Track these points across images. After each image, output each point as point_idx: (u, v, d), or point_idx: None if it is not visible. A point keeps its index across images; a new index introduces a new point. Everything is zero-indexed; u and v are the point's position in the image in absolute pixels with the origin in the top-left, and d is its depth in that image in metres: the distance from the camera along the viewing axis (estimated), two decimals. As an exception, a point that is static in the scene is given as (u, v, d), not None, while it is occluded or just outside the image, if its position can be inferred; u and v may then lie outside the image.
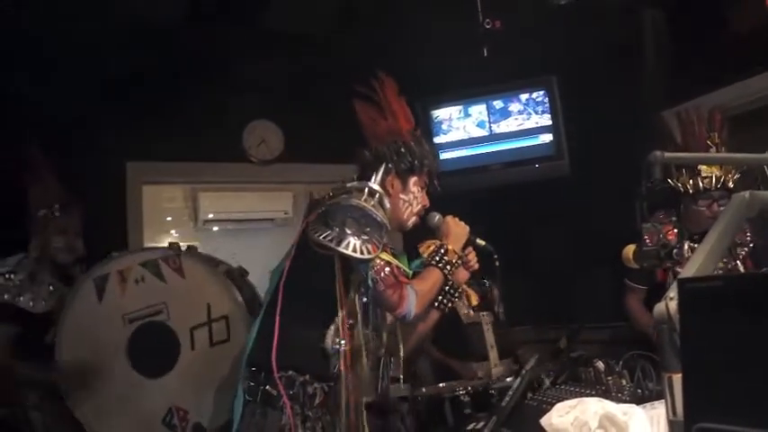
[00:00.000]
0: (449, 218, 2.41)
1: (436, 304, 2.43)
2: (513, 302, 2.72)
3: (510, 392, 1.88)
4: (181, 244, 3.01)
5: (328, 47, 3.87)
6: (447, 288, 2.43)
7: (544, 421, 1.43)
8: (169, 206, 5.39)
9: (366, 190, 1.95)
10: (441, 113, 4.17)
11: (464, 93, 4.16)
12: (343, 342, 1.95)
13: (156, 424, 2.72)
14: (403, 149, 2.19)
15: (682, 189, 2.82)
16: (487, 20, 3.43)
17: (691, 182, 2.80)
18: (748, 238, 2.69)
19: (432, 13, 3.58)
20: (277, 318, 1.92)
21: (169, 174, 4.29)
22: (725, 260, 2.57)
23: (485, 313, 3.09)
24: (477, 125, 4.11)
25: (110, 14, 3.36)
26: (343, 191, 1.99)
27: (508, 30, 3.49)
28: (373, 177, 2.06)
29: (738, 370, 0.86)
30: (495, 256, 2.45)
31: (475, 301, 2.98)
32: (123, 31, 3.49)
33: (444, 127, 4.16)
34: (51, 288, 2.82)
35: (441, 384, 2.65)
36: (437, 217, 2.45)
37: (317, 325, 2.00)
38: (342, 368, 1.95)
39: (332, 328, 1.98)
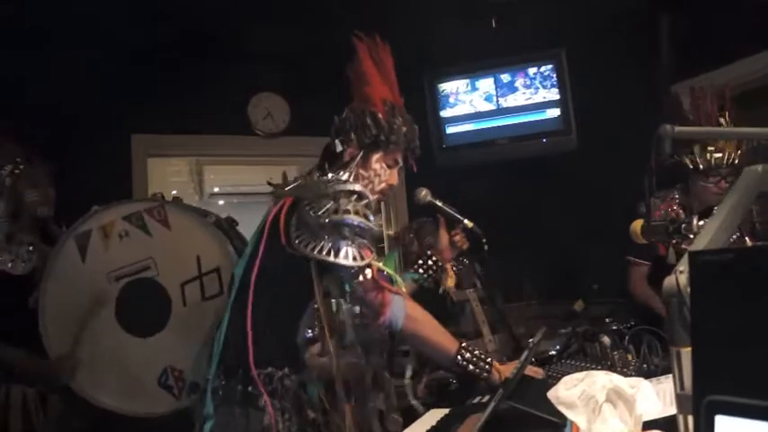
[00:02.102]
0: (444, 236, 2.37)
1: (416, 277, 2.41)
2: (520, 278, 2.71)
3: (516, 366, 1.88)
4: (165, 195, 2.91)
5: (335, 19, 3.83)
6: (431, 262, 2.41)
7: (551, 394, 1.42)
8: (174, 179, 5.40)
9: (354, 196, 1.80)
10: (448, 87, 4.14)
11: (471, 66, 4.12)
12: (310, 331, 1.85)
13: (152, 385, 2.61)
14: (369, 121, 2.00)
15: (691, 165, 2.81)
16: (496, -8, 3.39)
17: (701, 158, 2.78)
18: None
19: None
20: (249, 313, 1.79)
21: (174, 147, 4.28)
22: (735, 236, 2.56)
23: (471, 290, 3.09)
24: (485, 99, 4.08)
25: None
26: (324, 191, 1.80)
27: (516, 2, 3.45)
28: (345, 171, 1.91)
29: (749, 343, 0.85)
30: (484, 240, 2.41)
31: (451, 283, 2.96)
32: (129, 4, 3.45)
33: (451, 100, 4.13)
34: (31, 248, 2.69)
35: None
36: (423, 192, 2.39)
37: (290, 317, 1.87)
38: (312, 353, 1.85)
39: (303, 318, 1.87)
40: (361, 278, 1.83)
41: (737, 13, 3.22)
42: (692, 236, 1.74)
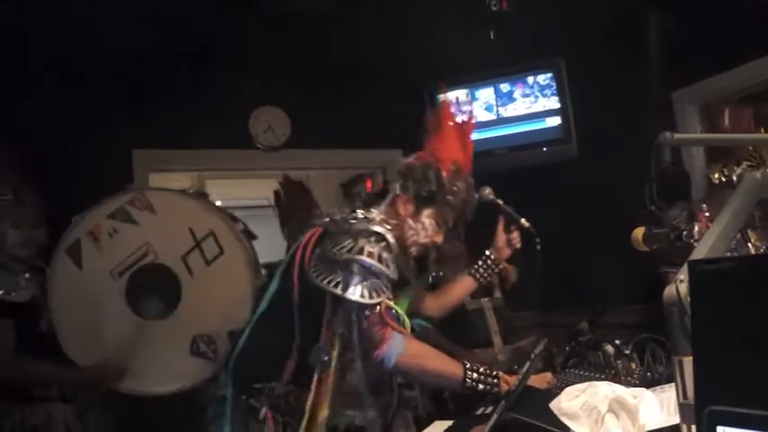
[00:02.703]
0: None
1: (474, 272, 2.48)
2: (523, 286, 2.71)
3: (519, 377, 1.87)
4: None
5: (335, 31, 3.85)
6: (489, 262, 2.47)
7: (554, 405, 1.42)
8: (177, 194, 5.40)
9: (374, 238, 1.88)
10: (447, 97, 4.14)
11: (471, 76, 4.13)
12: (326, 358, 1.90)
13: (186, 358, 2.71)
14: (430, 175, 2.04)
15: (717, 180, 2.79)
16: (494, 2, 3.40)
17: (728, 174, 2.77)
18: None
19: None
20: (272, 332, 1.94)
21: (176, 161, 4.29)
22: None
23: (485, 299, 3.10)
24: (485, 109, 4.08)
25: (115, 1, 3.35)
26: (346, 228, 1.90)
27: (515, 11, 3.46)
28: (377, 211, 2.01)
29: (750, 352, 0.85)
30: (537, 240, 2.45)
31: (513, 277, 3.03)
32: (129, 18, 3.48)
33: (451, 111, 4.13)
34: (27, 276, 2.66)
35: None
36: (487, 190, 2.48)
37: (307, 340, 1.92)
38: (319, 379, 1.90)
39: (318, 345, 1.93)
40: (368, 312, 1.87)
41: (737, 18, 3.22)
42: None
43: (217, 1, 3.60)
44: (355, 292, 1.81)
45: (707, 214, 2.83)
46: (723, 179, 2.77)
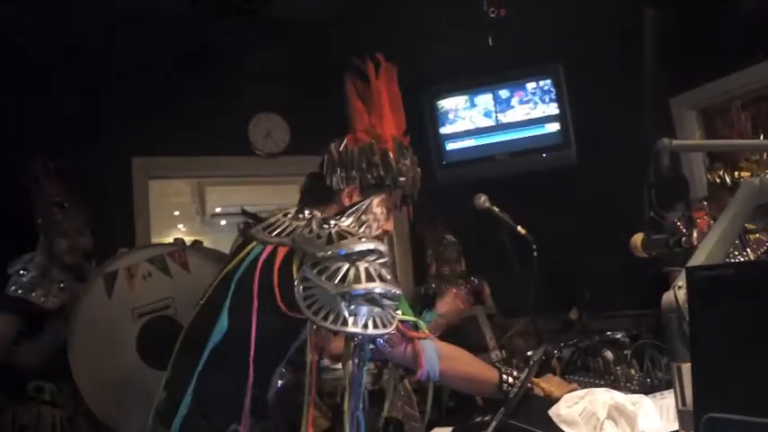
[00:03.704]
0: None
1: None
2: (520, 293, 2.71)
3: (517, 383, 1.86)
4: (186, 239, 3.06)
5: (333, 37, 3.85)
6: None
7: (553, 412, 1.42)
8: (176, 201, 5.40)
9: (377, 254, 1.48)
10: (446, 104, 4.15)
11: (470, 83, 4.14)
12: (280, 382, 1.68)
13: None
14: (377, 159, 1.80)
15: (719, 182, 2.79)
16: (492, 8, 3.40)
17: (729, 176, 2.76)
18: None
19: (437, 3, 3.56)
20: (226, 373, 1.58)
21: (175, 168, 4.30)
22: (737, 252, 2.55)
23: (478, 306, 3.13)
24: (484, 115, 4.09)
25: (113, 7, 3.35)
26: (335, 253, 1.46)
27: (513, 18, 3.47)
28: (349, 219, 1.59)
29: (748, 359, 0.85)
30: (534, 247, 2.45)
31: (487, 292, 3.04)
32: (127, 25, 3.48)
33: (450, 117, 4.14)
34: (62, 285, 2.83)
35: None
36: (483, 198, 2.48)
37: (264, 375, 1.65)
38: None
39: (274, 377, 1.69)
40: (382, 340, 1.64)
41: (735, 24, 3.23)
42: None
43: (216, 8, 3.60)
44: (376, 325, 1.45)
45: (706, 217, 2.85)
46: (718, 180, 2.77)
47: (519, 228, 2.48)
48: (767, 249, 2.63)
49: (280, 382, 1.68)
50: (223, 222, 5.48)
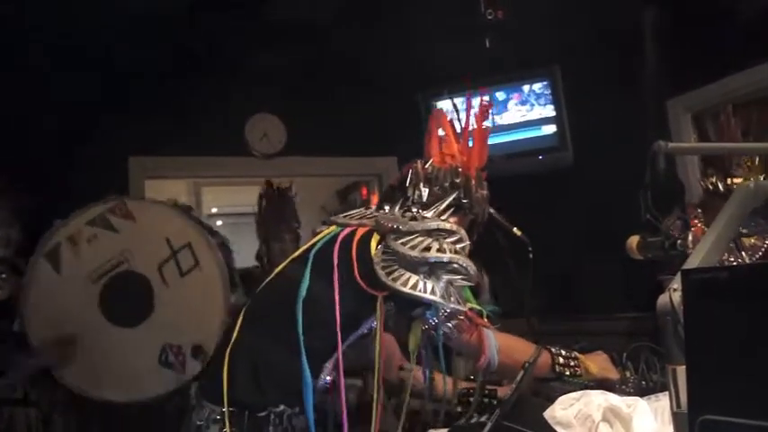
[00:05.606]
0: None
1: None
2: (516, 295, 2.71)
3: (513, 385, 1.86)
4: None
5: (330, 39, 3.86)
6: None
7: (548, 414, 1.42)
8: (172, 201, 5.39)
9: (451, 238, 1.61)
10: (442, 105, 4.15)
11: (467, 84, 4.13)
12: (329, 378, 1.67)
13: (154, 367, 2.74)
14: (459, 182, 1.90)
15: (712, 188, 2.79)
16: (489, 10, 3.41)
17: (722, 183, 2.76)
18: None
19: (433, 5, 3.57)
20: (282, 348, 1.58)
21: (172, 168, 4.29)
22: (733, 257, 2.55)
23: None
24: (480, 117, 4.09)
25: (111, 8, 3.35)
26: (416, 228, 1.61)
27: (510, 20, 3.47)
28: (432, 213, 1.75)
29: (743, 362, 0.85)
30: (530, 249, 2.44)
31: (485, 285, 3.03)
32: (124, 26, 3.48)
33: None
34: (4, 276, 2.75)
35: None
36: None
37: (317, 358, 1.63)
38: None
39: (329, 362, 1.67)
40: (454, 321, 1.70)
41: (731, 27, 3.24)
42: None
43: (213, 9, 3.60)
44: (452, 298, 1.57)
45: (700, 224, 2.84)
46: (711, 187, 2.77)
47: (515, 229, 2.47)
48: (762, 254, 2.63)
49: (328, 378, 1.67)
50: (219, 222, 5.49)
